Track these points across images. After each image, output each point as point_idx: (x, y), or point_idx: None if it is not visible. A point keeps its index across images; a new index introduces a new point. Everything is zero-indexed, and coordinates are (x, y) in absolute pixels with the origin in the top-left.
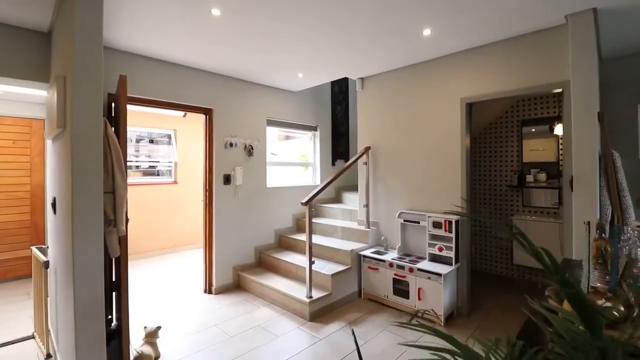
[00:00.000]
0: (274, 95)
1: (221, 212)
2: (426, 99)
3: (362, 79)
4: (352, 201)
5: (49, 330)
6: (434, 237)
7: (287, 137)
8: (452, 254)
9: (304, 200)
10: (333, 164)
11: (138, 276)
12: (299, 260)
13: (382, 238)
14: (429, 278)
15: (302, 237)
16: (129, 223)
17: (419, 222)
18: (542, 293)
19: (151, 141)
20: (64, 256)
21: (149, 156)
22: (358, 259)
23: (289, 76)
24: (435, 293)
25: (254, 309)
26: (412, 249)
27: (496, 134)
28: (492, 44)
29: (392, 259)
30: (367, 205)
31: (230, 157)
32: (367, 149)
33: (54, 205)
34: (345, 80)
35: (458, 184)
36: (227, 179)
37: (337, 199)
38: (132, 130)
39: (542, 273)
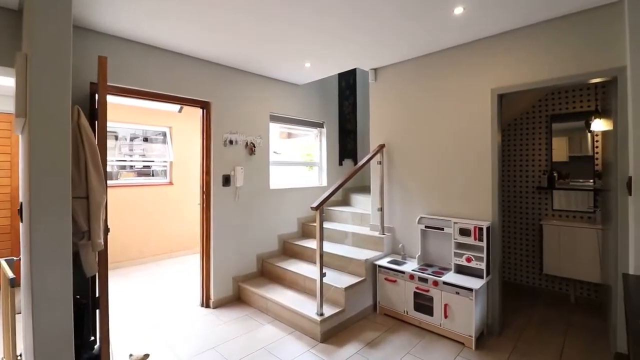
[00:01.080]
0: (278, 89)
1: (220, 216)
2: (450, 90)
3: (375, 69)
4: (362, 204)
5: (18, 357)
6: (460, 245)
7: (290, 135)
8: (482, 266)
9: (314, 205)
10: (340, 164)
11: (129, 286)
12: (307, 270)
13: (400, 246)
14: (458, 293)
15: (309, 243)
16: (109, 233)
17: (442, 229)
18: (576, 307)
19: (145, 139)
20: (25, 275)
21: (144, 155)
22: (373, 269)
23: (295, 66)
24: (465, 310)
25: (257, 327)
26: (435, 258)
27: (521, 131)
28: (530, 27)
29: (413, 270)
30: (381, 209)
31: (229, 155)
32: (381, 147)
33: (20, 211)
34: (352, 75)
35: (488, 186)
36: (227, 180)
37: (345, 202)
38: (125, 127)
39: (574, 283)
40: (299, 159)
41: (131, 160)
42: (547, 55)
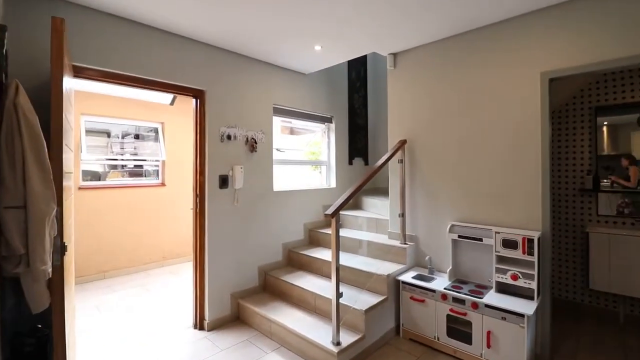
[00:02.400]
0: (282, 77)
1: (216, 223)
2: (488, 76)
3: (394, 55)
4: (376, 207)
5: None
6: (504, 260)
7: (293, 131)
8: (533, 285)
9: (329, 211)
10: (350, 163)
11: (112, 301)
12: (317, 285)
13: (427, 258)
14: (504, 319)
15: (318, 253)
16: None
17: (481, 240)
18: (626, 327)
19: (137, 137)
20: None
21: (136, 154)
22: (396, 286)
23: (304, 49)
24: (515, 340)
25: (260, 356)
26: (469, 274)
27: (559, 125)
28: None
29: (445, 288)
30: (402, 215)
31: (227, 153)
32: (403, 143)
33: None
34: (363, 65)
35: (535, 188)
36: (224, 181)
37: (356, 205)
38: (112, 122)
39: (624, 300)
40: (302, 157)
41: (122, 160)
42: (613, 28)
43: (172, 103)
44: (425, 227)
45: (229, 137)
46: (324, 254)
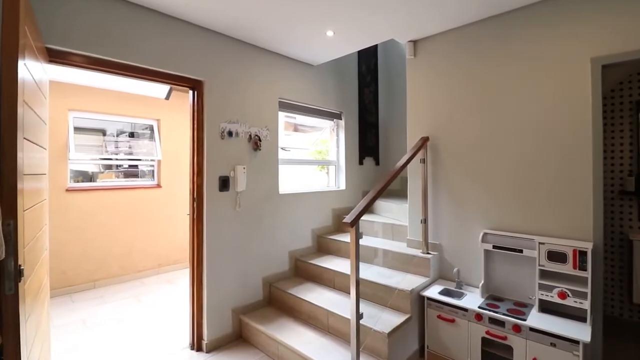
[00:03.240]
0: (289, 69)
1: (215, 230)
2: (526, 63)
3: (414, 42)
4: (389, 211)
5: None
6: (549, 275)
7: (296, 128)
8: (585, 304)
9: (348, 219)
10: (360, 163)
11: (103, 313)
12: (330, 300)
13: (455, 271)
14: (554, 345)
15: (328, 262)
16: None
17: (521, 251)
18: None
19: (131, 135)
20: None
21: (131, 153)
22: (420, 302)
23: (315, 35)
24: None
25: None
26: (504, 289)
27: None
28: None
29: (480, 307)
30: (425, 221)
31: (228, 151)
32: (425, 140)
33: None
34: (374, 57)
35: (586, 191)
36: (225, 183)
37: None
38: (105, 120)
39: None
40: (308, 157)
41: (116, 159)
42: None
43: (167, 97)
44: (450, 235)
45: (230, 133)
46: (336, 264)
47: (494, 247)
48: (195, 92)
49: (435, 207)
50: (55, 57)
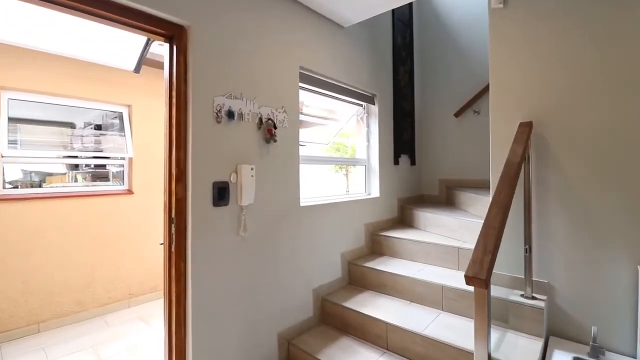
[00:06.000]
0: (313, 28)
1: (207, 273)
2: None
3: None
4: (441, 226)
5: None
6: None
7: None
8: None
9: (475, 272)
10: (396, 162)
11: None
12: None
13: (594, 331)
14: None
15: (372, 306)
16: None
17: None
18: None
19: (98, 127)
20: None
21: (101, 150)
22: None
23: None
24: None
25: None
26: None
27: None
28: None
29: None
30: (529, 250)
31: (228, 142)
32: (527, 127)
33: None
34: (409, 28)
35: None
36: (222, 194)
37: (403, 220)
38: (55, 104)
39: None
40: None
41: (81, 157)
42: None
43: (137, 69)
44: (570, 272)
45: (230, 114)
46: (385, 307)
47: None
48: (175, 46)
49: (543, 230)
50: None
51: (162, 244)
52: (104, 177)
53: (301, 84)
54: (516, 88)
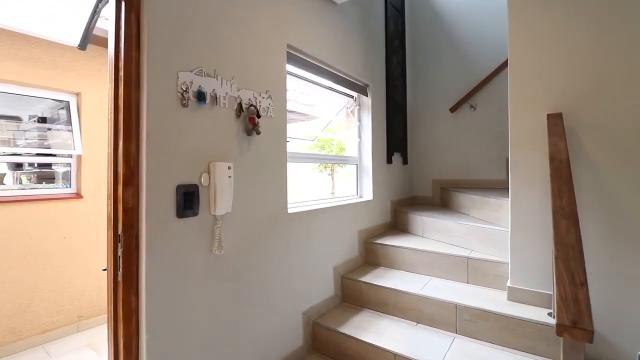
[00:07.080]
0: (304, 1)
1: (170, 307)
2: None
3: None
4: (442, 232)
5: None
6: None
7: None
8: None
9: (573, 319)
10: (389, 161)
11: None
12: None
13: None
14: None
15: (374, 331)
16: None
17: None
18: None
19: (43, 119)
20: None
21: (49, 147)
22: None
23: None
24: None
25: None
26: None
27: None
28: None
29: None
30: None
31: (197, 133)
32: (559, 119)
33: None
34: (401, 16)
35: None
36: (189, 201)
37: (396, 225)
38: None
39: None
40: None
41: (24, 154)
42: None
43: (82, 45)
44: (606, 289)
45: (200, 96)
46: (389, 331)
47: None
48: (124, 2)
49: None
50: None
51: (105, 269)
52: (50, 178)
53: (289, 68)
54: (540, 76)
